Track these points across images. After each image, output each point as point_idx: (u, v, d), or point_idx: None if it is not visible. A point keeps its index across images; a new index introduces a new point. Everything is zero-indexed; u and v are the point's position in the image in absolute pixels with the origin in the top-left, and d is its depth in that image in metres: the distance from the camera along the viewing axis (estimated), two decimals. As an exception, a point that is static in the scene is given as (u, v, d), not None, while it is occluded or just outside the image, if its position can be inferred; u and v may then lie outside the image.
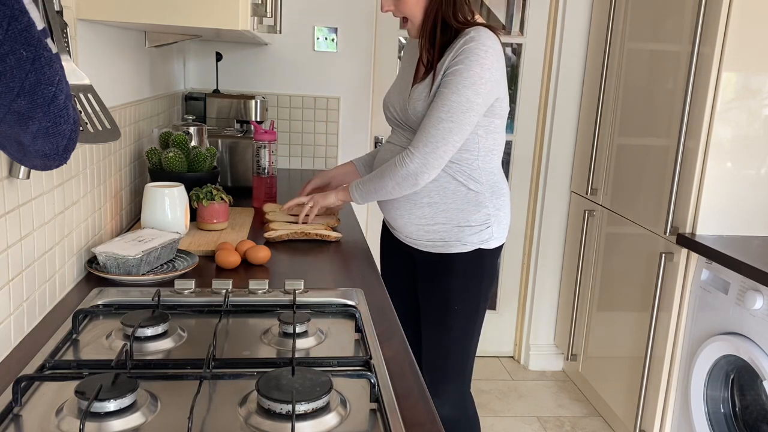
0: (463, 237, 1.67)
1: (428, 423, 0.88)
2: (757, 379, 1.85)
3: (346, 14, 2.78)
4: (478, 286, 1.73)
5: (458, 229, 1.67)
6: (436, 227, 1.68)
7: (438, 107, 1.54)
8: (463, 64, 1.51)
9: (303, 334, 1.12)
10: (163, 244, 1.41)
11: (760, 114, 2.08)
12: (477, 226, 1.67)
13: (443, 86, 1.54)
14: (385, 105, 1.78)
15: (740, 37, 2.00)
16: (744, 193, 2.13)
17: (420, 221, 1.68)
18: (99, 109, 1.08)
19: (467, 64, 1.51)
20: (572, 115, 2.99)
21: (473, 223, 1.67)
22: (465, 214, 1.66)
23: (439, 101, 1.54)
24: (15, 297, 1.04)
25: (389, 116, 1.76)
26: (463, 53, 1.51)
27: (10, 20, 0.69)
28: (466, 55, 1.51)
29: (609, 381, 2.68)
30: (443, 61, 1.55)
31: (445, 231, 1.67)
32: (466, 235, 1.67)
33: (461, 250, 1.68)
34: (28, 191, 1.08)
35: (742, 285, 1.90)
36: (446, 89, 1.53)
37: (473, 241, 1.68)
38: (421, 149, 1.55)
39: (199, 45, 2.76)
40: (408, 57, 1.77)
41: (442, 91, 1.54)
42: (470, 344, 1.78)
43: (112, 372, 0.89)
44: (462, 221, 1.66)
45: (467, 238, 1.67)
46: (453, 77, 1.52)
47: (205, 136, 2.09)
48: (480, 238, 1.68)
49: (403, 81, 1.73)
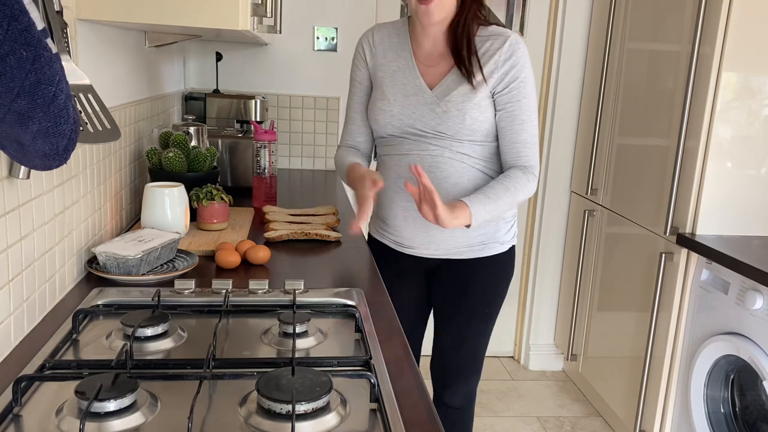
0: (500, 236, 1.65)
1: (428, 423, 0.88)
2: (757, 379, 1.85)
3: (346, 14, 2.78)
4: (505, 286, 1.73)
5: (496, 229, 1.64)
6: (478, 230, 1.62)
7: (529, 115, 1.54)
8: (527, 70, 1.54)
9: (303, 334, 1.12)
10: (163, 244, 1.41)
11: (760, 114, 2.08)
12: (509, 221, 1.68)
13: (520, 97, 1.53)
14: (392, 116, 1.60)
15: (740, 37, 2.00)
16: (744, 193, 2.13)
17: (459, 234, 1.62)
18: (99, 109, 1.08)
19: (529, 68, 1.54)
20: (572, 115, 2.99)
21: (507, 218, 1.66)
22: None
23: (527, 109, 1.54)
24: (15, 297, 1.04)
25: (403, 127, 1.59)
26: (521, 60, 1.52)
27: (10, 20, 0.69)
28: (525, 60, 1.53)
29: (609, 381, 2.68)
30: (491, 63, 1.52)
31: (484, 233, 1.63)
32: (502, 233, 1.66)
33: (499, 250, 1.67)
34: (28, 191, 1.08)
35: (742, 285, 1.90)
36: (525, 98, 1.54)
37: (507, 239, 1.68)
38: (537, 160, 1.57)
39: (199, 45, 2.76)
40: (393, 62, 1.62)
41: (522, 101, 1.53)
42: (486, 345, 1.79)
43: (112, 372, 0.89)
44: (500, 220, 1.65)
45: (503, 237, 1.66)
46: (525, 84, 1.53)
47: (205, 136, 2.09)
48: (511, 234, 1.69)
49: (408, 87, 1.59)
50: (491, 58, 1.52)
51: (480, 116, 1.53)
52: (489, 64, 1.52)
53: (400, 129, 1.60)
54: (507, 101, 1.54)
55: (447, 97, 1.54)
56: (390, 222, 1.68)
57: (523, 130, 1.54)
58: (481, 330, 1.74)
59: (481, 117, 1.54)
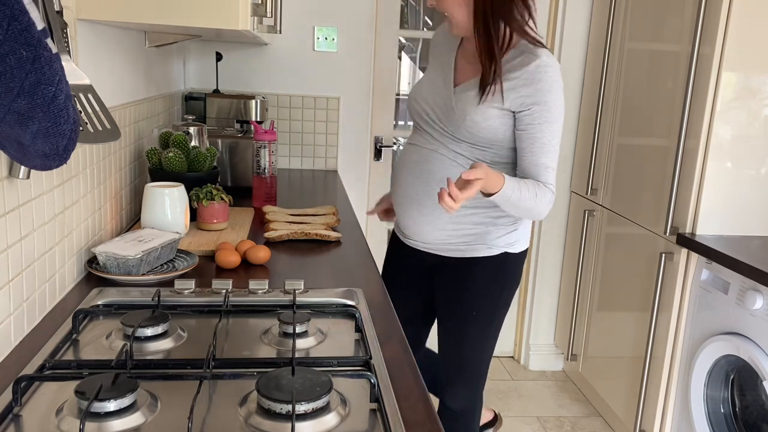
0: (490, 239, 1.64)
1: (428, 423, 0.88)
2: (757, 379, 1.85)
3: (346, 14, 2.78)
4: (499, 292, 1.70)
5: (485, 232, 1.63)
6: (463, 230, 1.63)
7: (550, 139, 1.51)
8: (553, 95, 1.49)
9: (303, 334, 1.12)
10: (163, 244, 1.41)
11: (760, 114, 2.08)
12: (504, 227, 1.64)
13: (541, 121, 1.50)
14: (415, 100, 1.67)
15: (740, 37, 2.00)
16: (744, 193, 2.13)
17: (446, 226, 1.63)
18: (99, 109, 1.08)
19: (556, 93, 1.49)
20: (572, 115, 2.99)
21: (500, 224, 1.63)
22: (492, 213, 1.62)
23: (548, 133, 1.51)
24: (15, 297, 1.04)
25: (418, 112, 1.66)
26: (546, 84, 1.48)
27: (10, 20, 0.69)
28: (551, 84, 1.48)
29: (609, 381, 2.68)
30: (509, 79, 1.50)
31: (472, 234, 1.63)
32: (493, 237, 1.64)
33: (487, 253, 1.64)
34: (28, 191, 1.08)
35: (742, 285, 1.90)
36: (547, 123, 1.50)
37: (500, 244, 1.64)
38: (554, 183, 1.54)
39: (199, 45, 2.76)
40: (442, 52, 1.68)
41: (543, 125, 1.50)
42: (484, 351, 1.76)
43: (112, 372, 0.89)
44: (489, 222, 1.62)
45: (494, 241, 1.64)
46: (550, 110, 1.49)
47: (205, 136, 2.09)
48: (507, 241, 1.65)
49: (439, 77, 1.64)
50: (513, 74, 1.50)
51: (482, 122, 1.53)
52: (510, 80, 1.50)
53: (418, 113, 1.65)
54: (528, 123, 1.51)
55: (461, 95, 1.56)
56: (396, 209, 1.75)
57: (543, 153, 1.52)
58: (472, 334, 1.72)
59: (483, 123, 1.53)
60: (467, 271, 1.66)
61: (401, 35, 2.97)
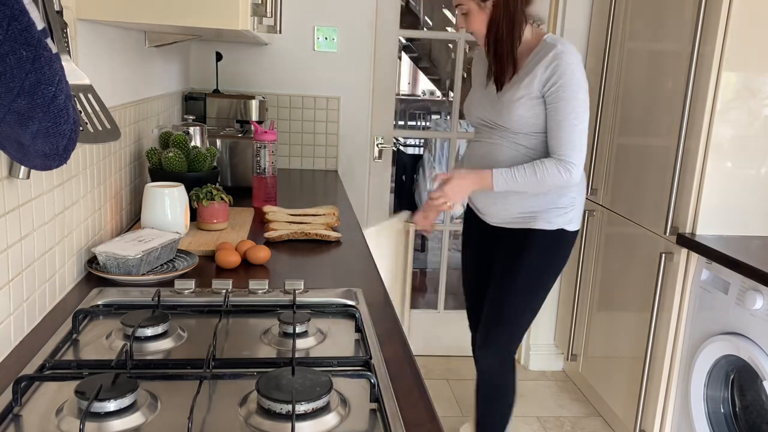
0: (549, 216, 1.90)
1: (428, 423, 0.88)
2: (757, 379, 1.85)
3: (346, 14, 2.78)
4: (548, 263, 1.96)
5: (545, 210, 1.90)
6: (527, 208, 1.90)
7: (565, 116, 1.76)
8: (567, 76, 1.74)
9: (303, 334, 1.12)
10: (163, 244, 1.41)
11: (760, 114, 2.08)
12: (563, 208, 1.90)
13: (557, 99, 1.76)
14: (470, 113, 2.02)
15: (740, 37, 2.00)
16: (744, 193, 2.13)
17: (512, 207, 1.92)
18: (99, 109, 1.08)
19: (571, 74, 1.74)
20: (572, 115, 2.99)
21: (560, 205, 1.90)
22: (553, 197, 1.88)
23: (564, 110, 1.76)
24: (15, 297, 1.04)
25: (477, 120, 1.97)
26: (561, 67, 1.74)
27: (10, 20, 0.69)
28: (565, 68, 1.74)
29: (609, 381, 2.68)
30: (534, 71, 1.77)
31: (533, 212, 1.90)
32: (552, 216, 1.90)
33: (545, 227, 1.90)
34: (28, 191, 1.08)
35: (742, 285, 1.90)
36: (563, 100, 1.76)
37: (558, 221, 1.91)
38: (577, 157, 1.78)
39: (199, 45, 2.76)
40: (480, 71, 1.99)
41: (559, 102, 1.76)
42: (523, 315, 2.00)
43: (112, 372, 0.89)
44: (550, 204, 1.89)
45: (553, 219, 1.90)
46: (564, 88, 1.75)
47: (205, 136, 2.09)
48: (564, 219, 1.91)
49: (482, 90, 1.95)
50: (537, 67, 1.78)
51: (526, 113, 1.81)
52: (534, 71, 1.78)
53: (477, 121, 1.97)
54: (549, 102, 1.79)
55: (504, 96, 1.85)
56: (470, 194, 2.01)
57: (560, 128, 1.77)
58: (515, 295, 1.95)
59: (527, 114, 1.81)
60: (526, 239, 1.93)
61: (401, 35, 2.97)
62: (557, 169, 1.79)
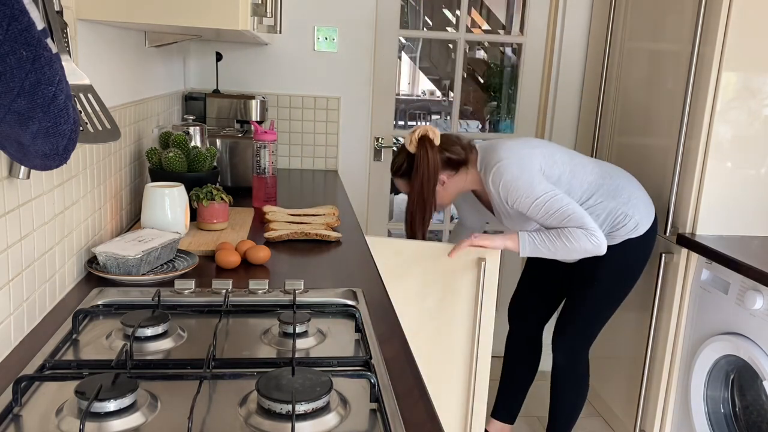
0: (615, 233, 1.99)
1: (428, 423, 0.88)
2: (757, 379, 1.85)
3: (346, 14, 2.78)
4: (621, 274, 2.07)
5: (611, 227, 1.99)
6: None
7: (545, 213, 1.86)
8: (512, 192, 1.88)
9: (303, 334, 1.12)
10: (163, 244, 1.41)
11: (760, 114, 2.08)
12: (619, 223, 1.99)
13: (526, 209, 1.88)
14: (464, 218, 2.30)
15: (740, 37, 2.00)
16: (744, 193, 2.13)
17: None
18: (99, 109, 1.08)
19: (515, 189, 1.87)
20: (572, 115, 2.99)
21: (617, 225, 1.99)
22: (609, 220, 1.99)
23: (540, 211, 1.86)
24: (15, 297, 1.04)
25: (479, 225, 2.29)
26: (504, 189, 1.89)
27: (10, 20, 0.69)
28: (507, 186, 1.88)
29: (609, 381, 2.68)
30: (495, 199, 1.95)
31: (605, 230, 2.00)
32: (614, 235, 1.99)
33: (611, 242, 1.97)
34: (28, 191, 1.08)
35: (742, 285, 1.90)
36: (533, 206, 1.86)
37: (620, 234, 1.99)
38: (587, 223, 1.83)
39: (199, 45, 2.76)
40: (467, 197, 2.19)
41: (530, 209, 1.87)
42: (597, 317, 2.15)
43: (112, 372, 0.89)
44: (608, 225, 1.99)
45: (615, 234, 1.99)
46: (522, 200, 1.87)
47: (205, 136, 2.09)
48: (625, 231, 1.99)
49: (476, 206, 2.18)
50: (491, 196, 1.96)
51: (520, 219, 1.98)
52: (495, 199, 1.96)
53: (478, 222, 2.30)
54: (521, 211, 1.90)
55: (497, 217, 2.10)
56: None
57: (546, 222, 1.88)
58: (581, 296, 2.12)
59: (521, 220, 1.97)
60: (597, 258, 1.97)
61: (401, 35, 2.97)
62: (584, 235, 1.85)
